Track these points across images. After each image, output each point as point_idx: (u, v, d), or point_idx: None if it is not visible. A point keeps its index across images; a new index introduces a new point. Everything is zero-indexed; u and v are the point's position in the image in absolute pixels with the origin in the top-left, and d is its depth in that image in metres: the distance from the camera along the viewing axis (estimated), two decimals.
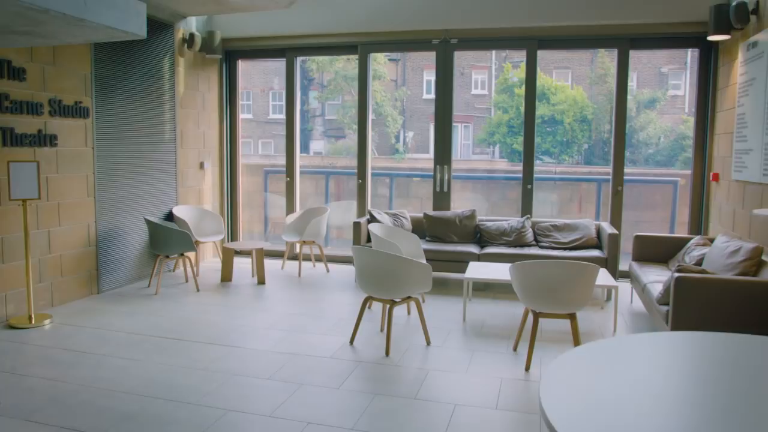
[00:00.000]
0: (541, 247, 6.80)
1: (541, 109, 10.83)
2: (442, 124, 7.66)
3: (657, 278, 5.28)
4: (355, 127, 8.15)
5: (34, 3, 3.35)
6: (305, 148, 11.72)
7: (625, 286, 6.57)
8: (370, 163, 8.11)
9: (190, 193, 7.72)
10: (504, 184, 9.43)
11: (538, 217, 7.53)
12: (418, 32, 7.47)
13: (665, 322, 4.40)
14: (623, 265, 6.74)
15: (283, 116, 8.36)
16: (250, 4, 6.61)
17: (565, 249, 6.67)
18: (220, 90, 8.30)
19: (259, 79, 12.71)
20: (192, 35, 7.43)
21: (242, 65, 8.59)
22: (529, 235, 6.94)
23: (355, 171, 8.08)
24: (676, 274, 4.23)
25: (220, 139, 8.36)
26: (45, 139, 5.50)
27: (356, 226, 7.04)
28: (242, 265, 7.74)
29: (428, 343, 4.91)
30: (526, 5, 7.01)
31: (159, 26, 6.94)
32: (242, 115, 8.66)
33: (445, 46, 7.49)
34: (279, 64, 8.16)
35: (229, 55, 8.33)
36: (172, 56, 7.20)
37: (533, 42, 7.24)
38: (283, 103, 8.31)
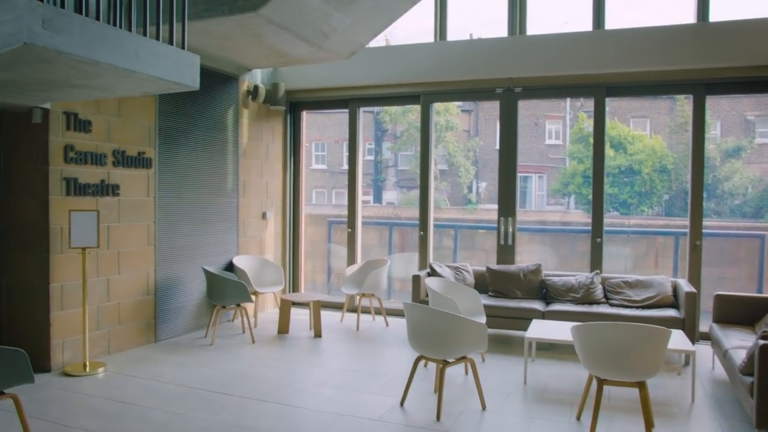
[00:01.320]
0: (612, 305, 6.34)
1: (618, 159, 10.41)
2: (506, 175, 7.41)
3: (740, 343, 4.77)
4: None
5: (85, 56, 3.41)
6: (378, 199, 11.69)
7: (705, 350, 6.01)
8: (433, 214, 7.92)
9: (251, 243, 7.74)
10: (574, 237, 9.00)
11: (610, 272, 7.08)
12: (481, 81, 7.33)
13: (749, 395, 3.92)
14: (704, 326, 6.18)
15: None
16: (312, 57, 6.67)
17: (637, 308, 6.19)
18: (284, 140, 8.39)
19: (334, 131, 12.90)
20: (256, 87, 7.57)
21: (316, 117, 8.71)
22: (599, 292, 6.51)
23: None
24: (761, 342, 3.77)
25: (283, 189, 8.40)
26: (107, 189, 5.63)
27: (415, 279, 6.81)
28: (300, 317, 7.62)
29: (483, 407, 4.57)
30: (592, 51, 6.77)
31: (224, 79, 7.10)
32: (316, 165, 8.72)
33: (508, 95, 7.29)
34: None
35: (294, 106, 8.44)
36: (236, 108, 7.34)
37: (601, 89, 6.95)
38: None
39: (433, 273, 6.91)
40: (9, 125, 5.32)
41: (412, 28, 7.97)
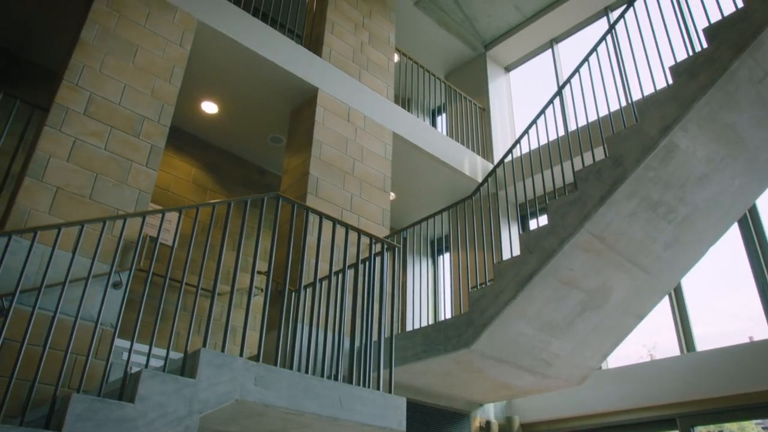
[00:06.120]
0: None
1: None
2: None
3: None
4: None
5: (290, 408, 3.60)
6: None
7: None
8: None
9: None
10: None
11: None
12: (754, 395, 6.15)
13: None
14: None
15: None
16: (539, 386, 6.33)
17: None
18: None
19: None
20: (488, 423, 7.24)
21: None
22: None
23: None
24: None
25: None
26: None
27: None
28: None
29: None
30: None
31: (455, 416, 6.94)
32: None
33: None
34: None
35: None
36: None
37: None
38: None
39: None
40: None
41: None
